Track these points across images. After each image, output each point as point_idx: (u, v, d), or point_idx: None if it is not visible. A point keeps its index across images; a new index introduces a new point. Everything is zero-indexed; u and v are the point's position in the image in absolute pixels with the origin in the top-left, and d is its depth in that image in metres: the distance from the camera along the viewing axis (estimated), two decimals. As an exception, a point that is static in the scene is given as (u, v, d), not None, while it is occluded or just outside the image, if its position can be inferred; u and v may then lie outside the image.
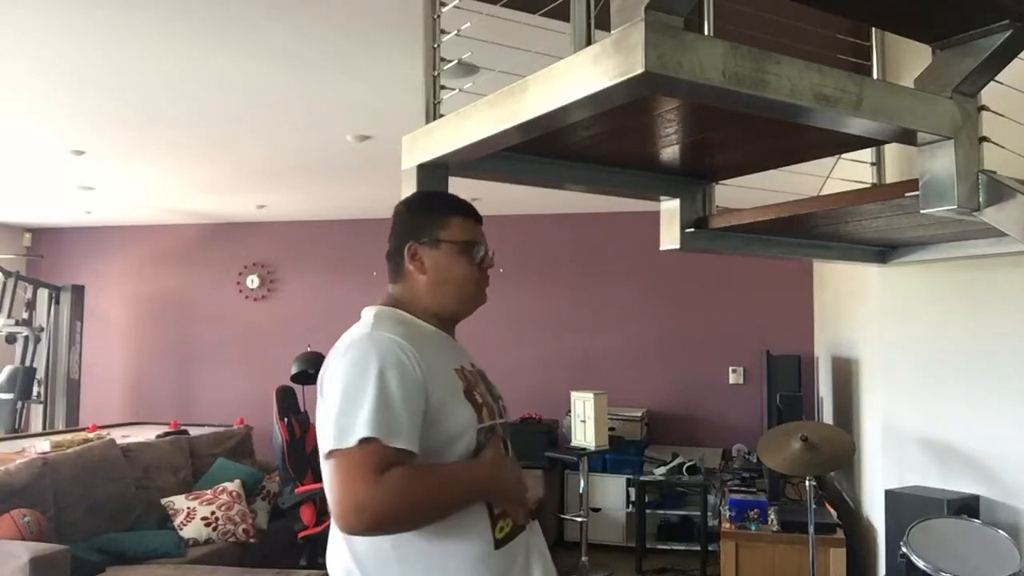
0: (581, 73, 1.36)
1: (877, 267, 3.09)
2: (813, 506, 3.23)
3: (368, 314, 1.53)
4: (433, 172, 1.96)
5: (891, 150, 2.59)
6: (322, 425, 1.40)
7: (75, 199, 6.14)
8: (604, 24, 1.37)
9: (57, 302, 6.90)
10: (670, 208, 2.50)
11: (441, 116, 1.96)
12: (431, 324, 1.57)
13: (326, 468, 1.36)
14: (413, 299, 1.57)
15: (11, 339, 6.87)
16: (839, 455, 3.26)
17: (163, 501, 4.51)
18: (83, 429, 5.71)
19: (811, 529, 3.22)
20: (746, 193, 2.52)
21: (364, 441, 1.31)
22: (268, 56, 3.08)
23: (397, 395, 1.35)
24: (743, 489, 4.42)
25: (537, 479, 5.23)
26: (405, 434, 1.34)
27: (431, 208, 1.63)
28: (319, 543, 4.57)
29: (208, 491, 4.65)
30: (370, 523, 1.30)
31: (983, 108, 1.66)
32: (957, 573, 2.31)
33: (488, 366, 1.69)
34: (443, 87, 2.03)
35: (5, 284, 6.73)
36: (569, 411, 5.39)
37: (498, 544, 1.46)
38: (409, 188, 1.97)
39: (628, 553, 5.39)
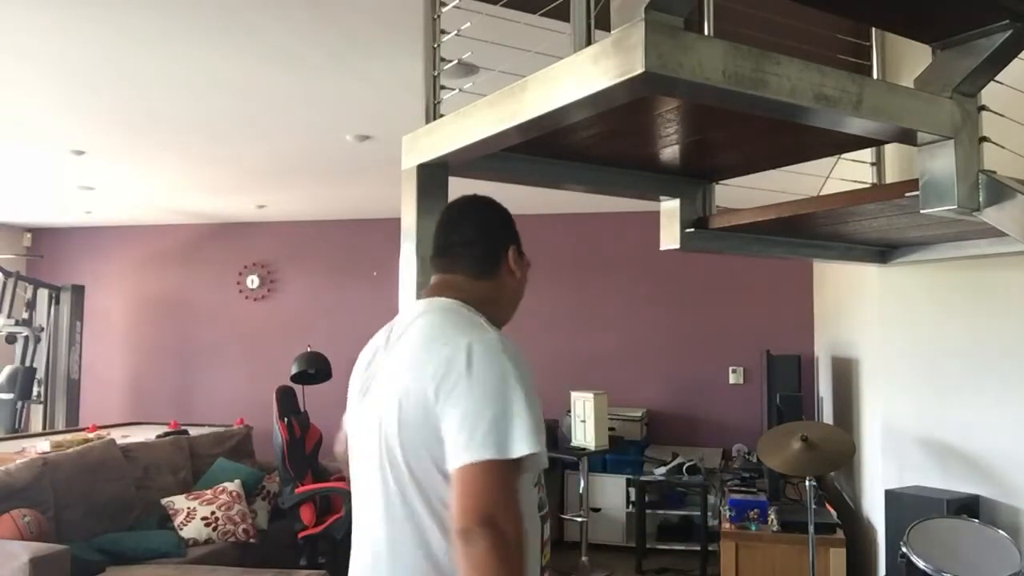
0: (581, 73, 1.36)
1: (877, 267, 3.09)
2: (813, 506, 3.23)
3: (462, 309, 1.45)
4: (433, 172, 1.96)
5: (891, 150, 2.59)
6: (458, 425, 1.30)
7: (75, 199, 6.14)
8: (604, 24, 1.37)
9: (57, 302, 6.89)
10: (670, 208, 2.50)
11: (441, 116, 1.97)
12: None
13: (471, 472, 1.27)
14: (493, 298, 1.53)
15: (11, 339, 6.87)
16: (839, 455, 3.26)
17: (163, 501, 4.51)
18: (83, 429, 5.71)
19: (811, 529, 3.22)
20: (746, 193, 2.52)
21: (524, 457, 1.27)
22: (268, 56, 3.08)
23: (536, 403, 1.34)
24: (743, 489, 4.42)
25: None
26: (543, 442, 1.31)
27: (511, 221, 1.61)
28: (319, 543, 4.58)
29: (208, 491, 4.65)
30: (493, 538, 1.22)
31: (983, 108, 1.66)
32: (957, 573, 2.31)
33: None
34: (443, 87, 2.03)
35: (5, 284, 6.72)
36: (569, 411, 5.39)
37: (542, 570, 1.58)
38: (409, 188, 1.97)
39: (628, 553, 5.39)
